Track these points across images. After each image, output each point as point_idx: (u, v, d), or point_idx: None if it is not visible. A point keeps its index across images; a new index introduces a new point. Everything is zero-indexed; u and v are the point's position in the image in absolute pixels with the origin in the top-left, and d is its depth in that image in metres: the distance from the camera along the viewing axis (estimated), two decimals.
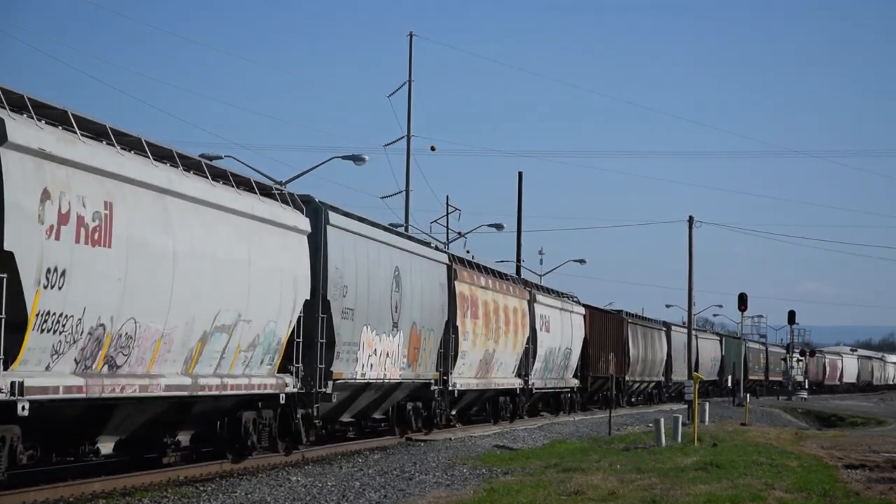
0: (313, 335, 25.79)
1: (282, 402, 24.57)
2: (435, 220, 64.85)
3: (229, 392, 21.94)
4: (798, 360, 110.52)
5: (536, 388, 47.55)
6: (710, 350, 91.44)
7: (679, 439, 34.00)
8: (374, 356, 29.15)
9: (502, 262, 67.73)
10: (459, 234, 63.98)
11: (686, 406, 49.04)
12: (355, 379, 28.09)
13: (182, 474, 21.81)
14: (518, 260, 65.15)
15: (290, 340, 24.68)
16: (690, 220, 68.10)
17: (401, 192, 58.97)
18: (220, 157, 42.48)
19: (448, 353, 35.60)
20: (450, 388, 36.07)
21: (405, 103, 59.65)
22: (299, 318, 24.86)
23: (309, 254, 25.14)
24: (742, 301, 69.96)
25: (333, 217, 26.85)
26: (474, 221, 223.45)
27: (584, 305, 56.71)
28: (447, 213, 65.35)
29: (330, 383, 26.50)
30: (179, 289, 19.67)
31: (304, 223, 25.18)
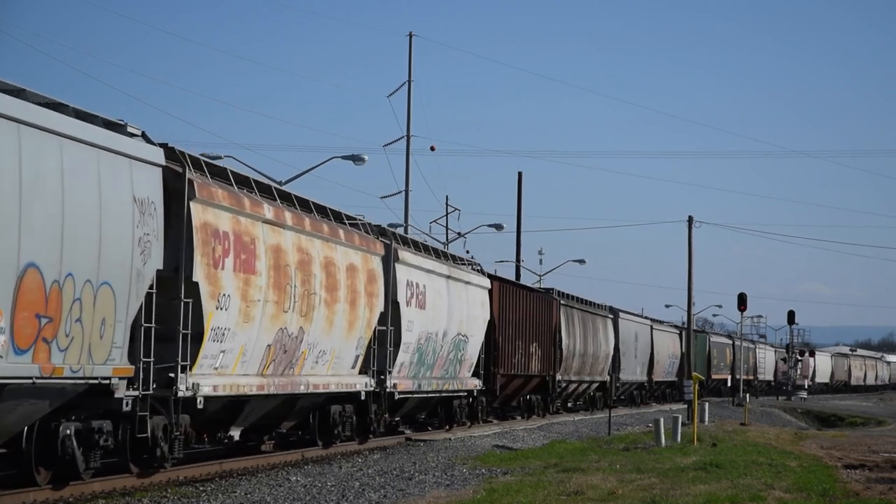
0: None
1: None
2: (435, 220, 64.94)
3: None
4: (799, 359, 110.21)
5: (402, 392, 32.18)
6: (667, 345, 76.59)
7: (679, 439, 34.03)
8: None
9: (502, 262, 67.77)
10: (459, 233, 64.05)
11: (686, 406, 49.02)
12: None
13: (182, 474, 21.80)
14: (518, 260, 65.23)
15: None
16: (690, 220, 68.13)
17: (401, 192, 59.03)
18: (220, 157, 42.56)
19: (178, 330, 20.58)
20: (180, 394, 20.74)
21: (405, 103, 59.73)
22: None
23: None
24: (742, 301, 69.96)
25: None
26: (474, 221, 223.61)
27: (491, 276, 41.53)
28: (447, 213, 65.42)
29: None
30: None
31: None
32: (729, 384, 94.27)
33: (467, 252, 49.17)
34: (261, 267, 23.04)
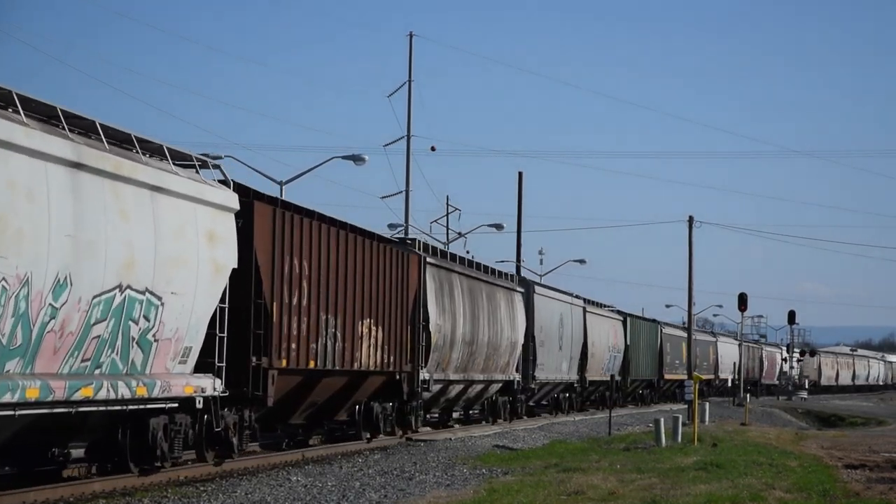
0: None
1: None
2: (435, 220, 64.97)
3: None
4: (800, 359, 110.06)
5: None
6: (606, 334, 60.53)
7: (679, 439, 34.03)
8: None
9: (502, 261, 67.68)
10: (459, 233, 64.06)
11: (686, 406, 49.05)
12: None
13: (182, 474, 21.81)
14: (518, 260, 65.22)
15: None
16: (690, 220, 68.20)
17: (401, 192, 59.12)
18: (220, 157, 42.67)
19: None
20: None
21: (405, 103, 59.79)
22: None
23: None
24: (742, 301, 69.99)
25: None
26: (474, 221, 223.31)
27: (245, 190, 23.61)
28: (447, 213, 65.48)
29: None
30: None
31: None
32: (685, 386, 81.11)
33: (467, 251, 48.60)
34: None
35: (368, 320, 29.24)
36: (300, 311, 25.10)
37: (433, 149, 62.99)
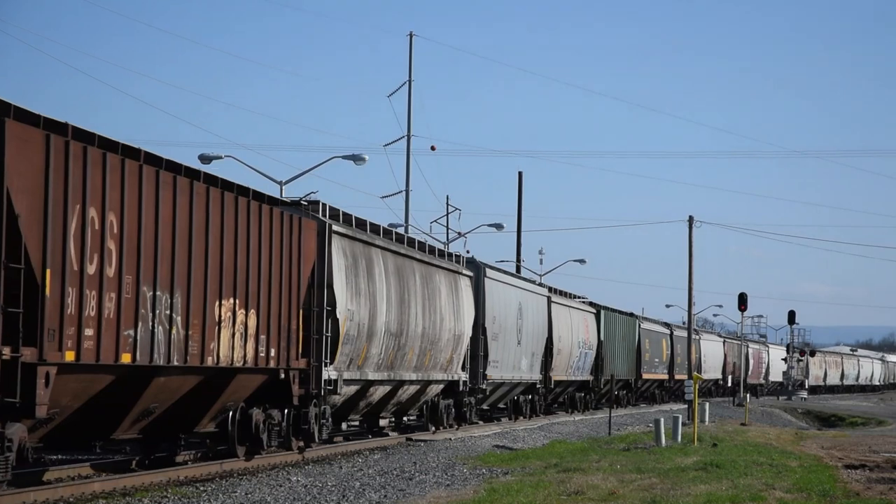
0: None
1: None
2: (435, 220, 64.93)
3: None
4: (800, 359, 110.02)
5: None
6: (575, 328, 53.15)
7: (679, 439, 34.04)
8: None
9: (502, 261, 67.80)
10: (459, 233, 64.04)
11: (686, 406, 49.05)
12: None
13: (182, 474, 21.81)
14: (518, 260, 65.28)
15: None
16: (690, 220, 68.15)
17: (401, 192, 59.08)
18: (220, 157, 42.69)
19: None
20: None
21: (405, 103, 59.76)
22: None
23: None
24: (742, 301, 69.95)
25: None
26: (475, 221, 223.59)
27: (6, 107, 16.46)
28: (447, 213, 65.43)
29: None
30: None
31: None
32: (669, 384, 76.30)
33: (468, 252, 48.60)
34: None
35: (231, 301, 21.87)
36: (103, 282, 17.92)
37: (433, 148, 62.97)
